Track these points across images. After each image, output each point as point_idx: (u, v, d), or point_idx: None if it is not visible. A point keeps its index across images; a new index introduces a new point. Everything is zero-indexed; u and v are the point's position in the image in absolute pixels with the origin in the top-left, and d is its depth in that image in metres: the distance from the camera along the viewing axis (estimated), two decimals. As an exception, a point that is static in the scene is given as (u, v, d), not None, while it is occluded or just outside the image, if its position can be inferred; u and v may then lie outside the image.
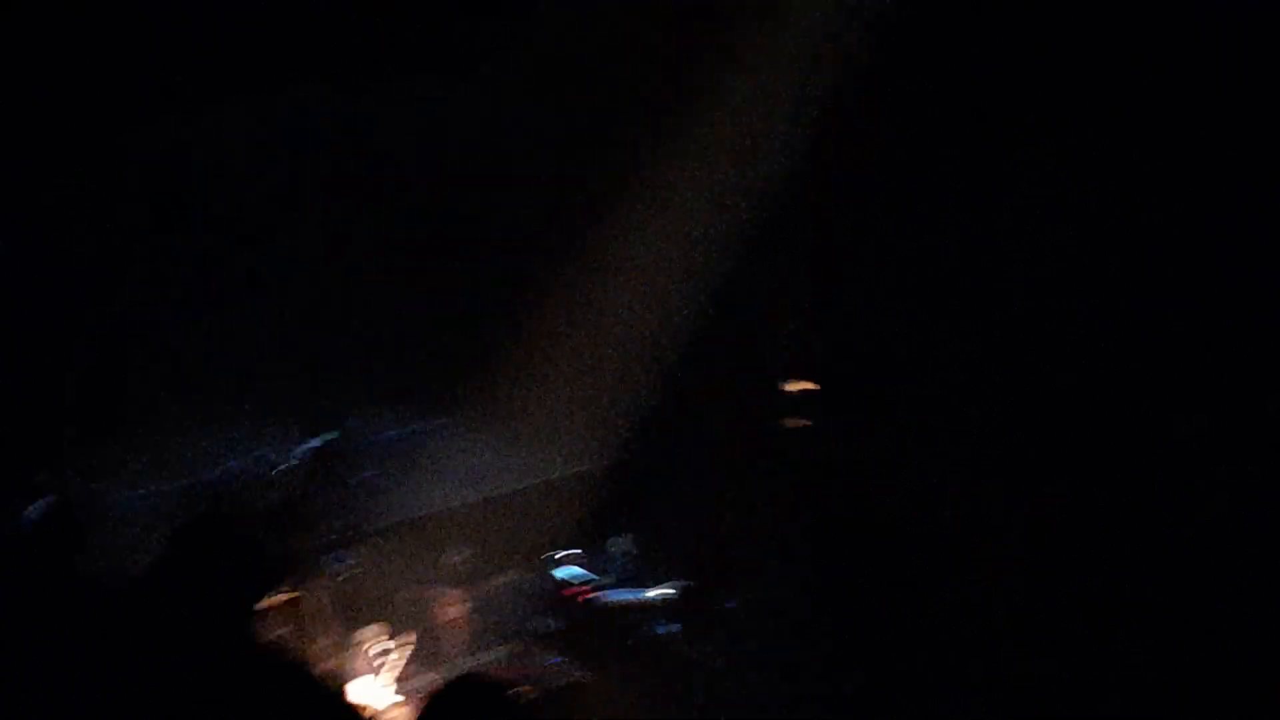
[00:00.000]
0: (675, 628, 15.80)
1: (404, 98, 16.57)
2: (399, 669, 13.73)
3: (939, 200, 15.19)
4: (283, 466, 16.39)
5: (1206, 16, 12.13)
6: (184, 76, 14.69)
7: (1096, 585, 11.70)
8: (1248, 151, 12.14)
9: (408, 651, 13.97)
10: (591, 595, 15.53)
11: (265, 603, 12.36)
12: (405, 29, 15.30)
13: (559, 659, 15.15)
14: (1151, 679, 8.69)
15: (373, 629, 13.80)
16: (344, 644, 13.74)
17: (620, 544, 16.03)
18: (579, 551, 16.42)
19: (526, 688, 13.51)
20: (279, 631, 13.12)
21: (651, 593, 15.63)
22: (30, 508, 8.50)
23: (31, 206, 15.36)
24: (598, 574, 15.89)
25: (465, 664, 14.75)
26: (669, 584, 15.94)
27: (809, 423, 16.95)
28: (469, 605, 15.20)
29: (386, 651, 13.76)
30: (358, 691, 13.15)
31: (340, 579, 15.25)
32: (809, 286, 16.14)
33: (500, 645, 15.44)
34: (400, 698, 13.66)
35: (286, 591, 13.93)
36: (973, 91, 14.85)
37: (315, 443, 16.89)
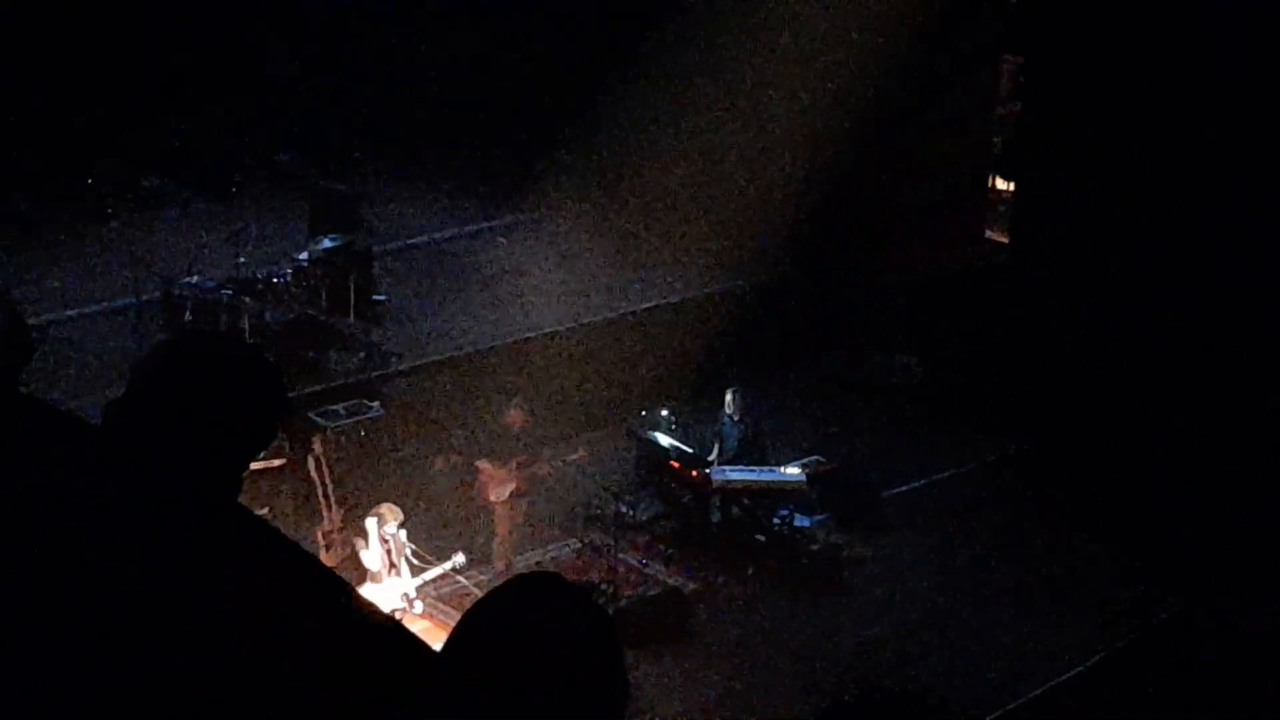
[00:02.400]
0: (819, 520, 15.79)
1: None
2: (431, 567, 13.47)
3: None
4: (281, 276, 16.29)
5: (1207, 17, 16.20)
6: None
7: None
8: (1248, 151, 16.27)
9: (446, 544, 13.95)
10: (705, 471, 15.31)
11: (258, 465, 12.67)
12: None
13: (657, 558, 15.15)
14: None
15: (394, 510, 13.42)
16: (352, 529, 13.61)
17: (741, 400, 15.81)
18: (683, 409, 16.49)
19: (609, 595, 13.86)
20: (262, 509, 13.05)
21: (787, 471, 15.47)
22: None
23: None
24: (711, 441, 15.77)
25: (523, 561, 14.76)
26: (807, 460, 15.89)
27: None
28: (533, 479, 15.00)
29: (411, 542, 13.48)
30: (370, 596, 12.82)
31: (353, 437, 15.08)
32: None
33: (574, 537, 15.38)
34: (431, 606, 13.61)
35: (277, 454, 13.94)
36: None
37: (325, 244, 16.69)
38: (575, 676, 2.95)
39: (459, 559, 13.48)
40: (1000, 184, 19.82)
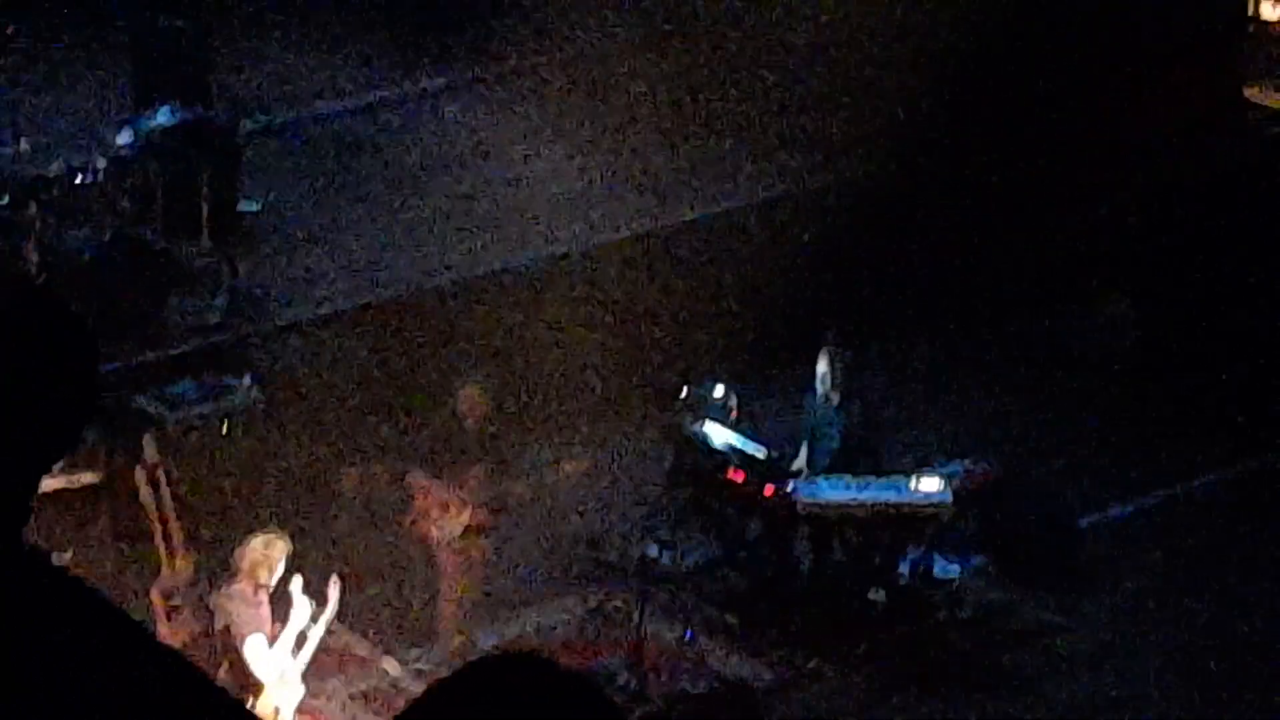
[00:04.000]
0: (973, 566, 16.26)
1: None
2: (334, 642, 13.94)
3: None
4: (89, 173, 16.66)
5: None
6: None
7: None
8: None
9: (365, 611, 14.16)
10: (785, 487, 15.71)
11: (56, 483, 13.03)
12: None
13: (708, 630, 15.45)
14: None
15: (278, 542, 13.63)
16: (209, 580, 13.70)
17: (843, 371, 15.99)
18: (749, 385, 16.82)
19: (632, 689, 14.26)
20: (64, 552, 13.20)
21: (920, 485, 15.81)
22: None
23: None
24: (794, 438, 16.16)
25: (488, 637, 15.08)
26: (953, 468, 16.19)
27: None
28: (503, 505, 15.11)
29: (305, 601, 13.56)
30: (258, 681, 13.02)
31: (210, 436, 15.47)
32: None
33: (569, 596, 15.85)
34: (351, 709, 14.04)
35: (87, 463, 14.21)
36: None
37: (161, 120, 17.19)
38: None
39: (333, 591, 13.62)
40: (1269, 11, 19.74)
